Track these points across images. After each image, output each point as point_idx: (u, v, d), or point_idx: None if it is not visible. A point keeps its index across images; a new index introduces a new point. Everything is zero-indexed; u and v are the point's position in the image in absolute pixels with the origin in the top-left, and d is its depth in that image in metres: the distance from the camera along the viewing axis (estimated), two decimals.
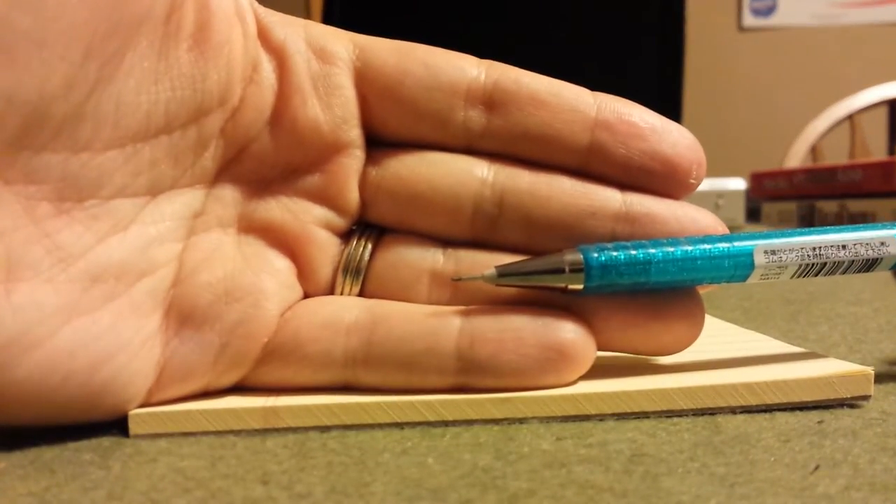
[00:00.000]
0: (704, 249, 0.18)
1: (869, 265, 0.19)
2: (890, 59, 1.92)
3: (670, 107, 0.96)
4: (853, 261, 0.19)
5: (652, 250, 0.18)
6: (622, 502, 0.13)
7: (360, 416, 0.17)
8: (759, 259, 0.18)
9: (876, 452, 0.15)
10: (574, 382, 0.18)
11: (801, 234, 0.18)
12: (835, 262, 0.18)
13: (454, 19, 1.02)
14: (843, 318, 0.29)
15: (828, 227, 0.19)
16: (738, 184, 0.83)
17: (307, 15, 1.99)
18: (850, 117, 1.27)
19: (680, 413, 0.18)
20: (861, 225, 0.19)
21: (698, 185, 0.19)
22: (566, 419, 0.17)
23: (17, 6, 0.14)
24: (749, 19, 1.98)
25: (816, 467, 0.14)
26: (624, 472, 0.14)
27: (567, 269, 0.17)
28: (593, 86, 0.19)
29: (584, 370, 0.18)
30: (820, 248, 0.18)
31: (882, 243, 0.19)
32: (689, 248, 0.18)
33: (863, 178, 0.66)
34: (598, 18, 1.01)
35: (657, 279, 0.18)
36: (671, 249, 0.18)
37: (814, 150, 1.25)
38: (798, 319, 0.29)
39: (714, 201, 0.80)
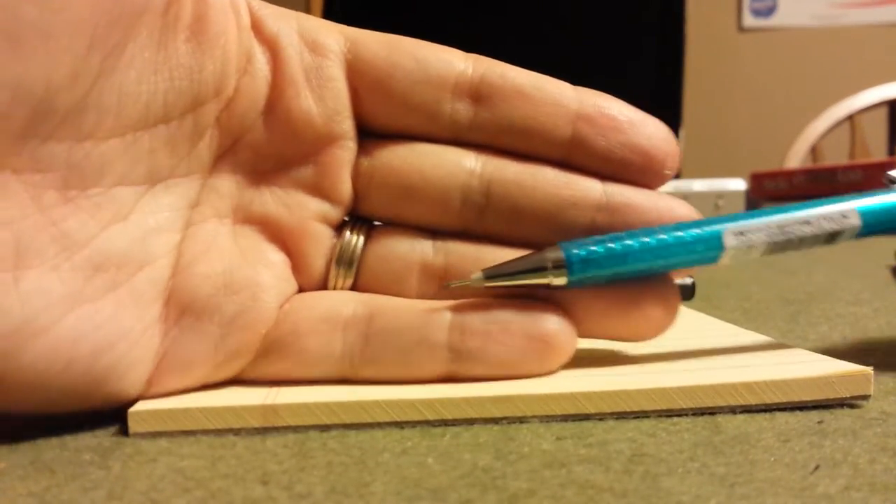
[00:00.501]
0: (678, 236, 0.19)
1: (833, 237, 0.20)
2: (890, 59, 1.92)
3: (670, 107, 0.96)
4: (817, 234, 0.19)
5: (629, 241, 0.19)
6: (622, 502, 0.13)
7: (359, 416, 0.17)
8: (729, 241, 0.19)
9: (876, 452, 0.15)
10: (566, 379, 0.18)
11: (767, 213, 0.19)
12: (800, 238, 0.19)
13: (454, 17, 1.03)
14: (843, 318, 0.29)
15: (791, 205, 0.20)
16: (738, 184, 0.83)
17: (307, 9, 1.99)
18: (850, 117, 1.27)
19: (680, 413, 0.18)
20: (822, 199, 0.20)
21: (672, 175, 0.20)
22: (566, 419, 0.17)
23: None
24: (749, 19, 1.98)
25: (816, 467, 0.14)
26: (624, 472, 0.14)
27: (550, 265, 0.18)
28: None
29: (567, 359, 0.19)
30: (785, 225, 0.19)
31: (843, 216, 0.19)
32: (663, 235, 0.19)
33: (863, 179, 0.67)
34: (598, 18, 1.01)
35: (635, 267, 0.19)
36: (646, 239, 0.19)
37: (814, 151, 1.25)
38: (798, 319, 0.29)
39: (714, 202, 0.80)
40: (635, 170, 0.19)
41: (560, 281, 0.18)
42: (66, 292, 0.16)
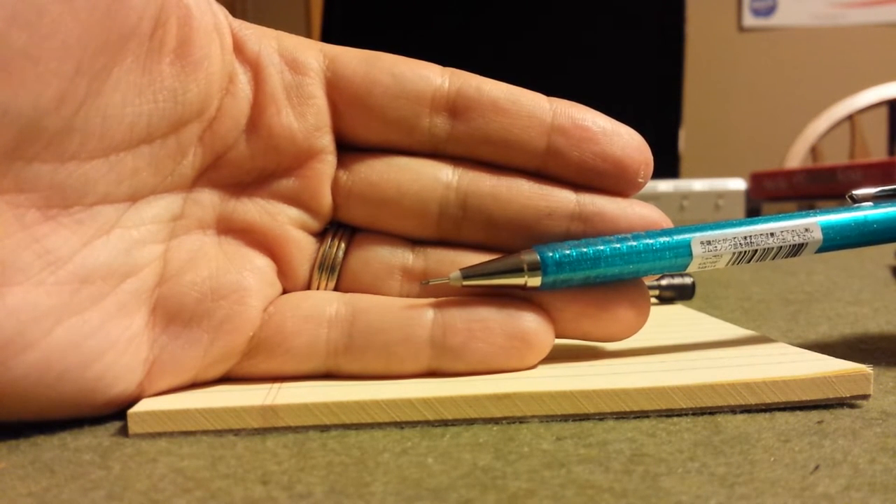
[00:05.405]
0: (647, 244, 0.19)
1: (796, 250, 0.20)
2: (890, 59, 1.92)
3: (670, 107, 0.96)
4: (781, 246, 0.20)
5: (601, 247, 0.19)
6: (622, 502, 0.13)
7: (359, 416, 0.17)
8: (697, 249, 0.20)
9: (876, 452, 0.15)
10: (566, 379, 0.18)
11: (733, 224, 0.20)
12: (765, 249, 0.20)
13: (454, 18, 1.03)
14: (843, 318, 0.29)
15: (757, 218, 0.20)
16: (738, 184, 0.83)
17: (307, 13, 1.99)
18: (850, 117, 1.27)
19: (680, 413, 0.18)
20: (786, 214, 0.20)
21: (646, 183, 0.20)
22: (566, 419, 0.17)
23: (14, 24, 0.15)
24: (749, 19, 1.98)
25: (816, 467, 0.14)
26: (624, 472, 0.14)
27: (525, 267, 0.19)
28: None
29: (544, 356, 0.20)
30: (750, 236, 0.20)
31: (806, 229, 0.20)
32: (634, 242, 0.19)
33: (863, 178, 0.67)
34: (598, 19, 1.01)
35: (606, 272, 0.19)
36: (618, 245, 0.19)
37: (814, 151, 1.25)
38: (798, 319, 0.29)
39: (714, 202, 0.80)
40: (609, 179, 0.20)
41: (535, 282, 0.19)
42: (52, 306, 0.16)
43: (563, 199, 0.20)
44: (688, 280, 0.32)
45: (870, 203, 0.21)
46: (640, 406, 0.18)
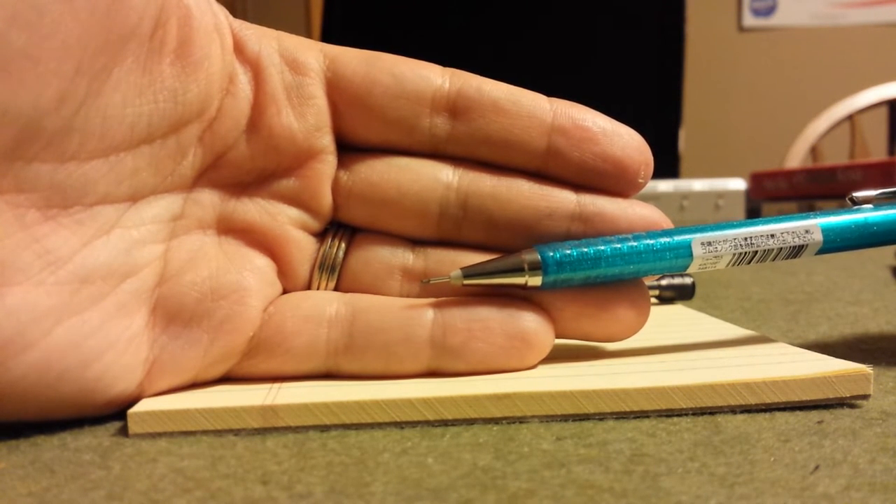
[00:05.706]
0: (648, 244, 0.19)
1: (796, 251, 0.20)
2: (890, 59, 1.92)
3: (670, 107, 0.96)
4: (781, 248, 0.20)
5: (601, 247, 0.19)
6: (622, 502, 0.13)
7: (359, 416, 0.17)
8: (697, 250, 0.20)
9: (876, 452, 0.15)
10: (566, 379, 0.18)
11: (733, 226, 0.20)
12: (765, 250, 0.20)
13: (454, 18, 1.03)
14: (843, 318, 0.29)
15: (758, 219, 0.20)
16: (738, 184, 0.83)
17: (307, 13, 1.99)
18: (850, 117, 1.27)
19: (680, 413, 0.18)
20: (787, 215, 0.20)
21: (646, 183, 0.20)
22: (566, 419, 0.17)
23: (14, 24, 0.15)
24: (749, 19, 1.98)
25: (816, 467, 0.14)
26: (624, 472, 0.14)
27: (526, 267, 0.19)
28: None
29: (544, 356, 0.20)
30: (751, 237, 0.20)
31: (806, 231, 0.20)
32: (634, 243, 0.19)
33: (863, 179, 0.67)
34: (598, 19, 1.01)
35: (607, 272, 0.19)
36: (618, 245, 0.19)
37: (814, 151, 1.25)
38: (798, 319, 0.29)
39: (714, 202, 0.80)
40: (609, 179, 0.20)
41: (535, 281, 0.19)
42: (52, 306, 0.16)
43: (564, 199, 0.20)
44: (688, 280, 0.32)
45: (870, 205, 0.21)
46: (640, 406, 0.18)
